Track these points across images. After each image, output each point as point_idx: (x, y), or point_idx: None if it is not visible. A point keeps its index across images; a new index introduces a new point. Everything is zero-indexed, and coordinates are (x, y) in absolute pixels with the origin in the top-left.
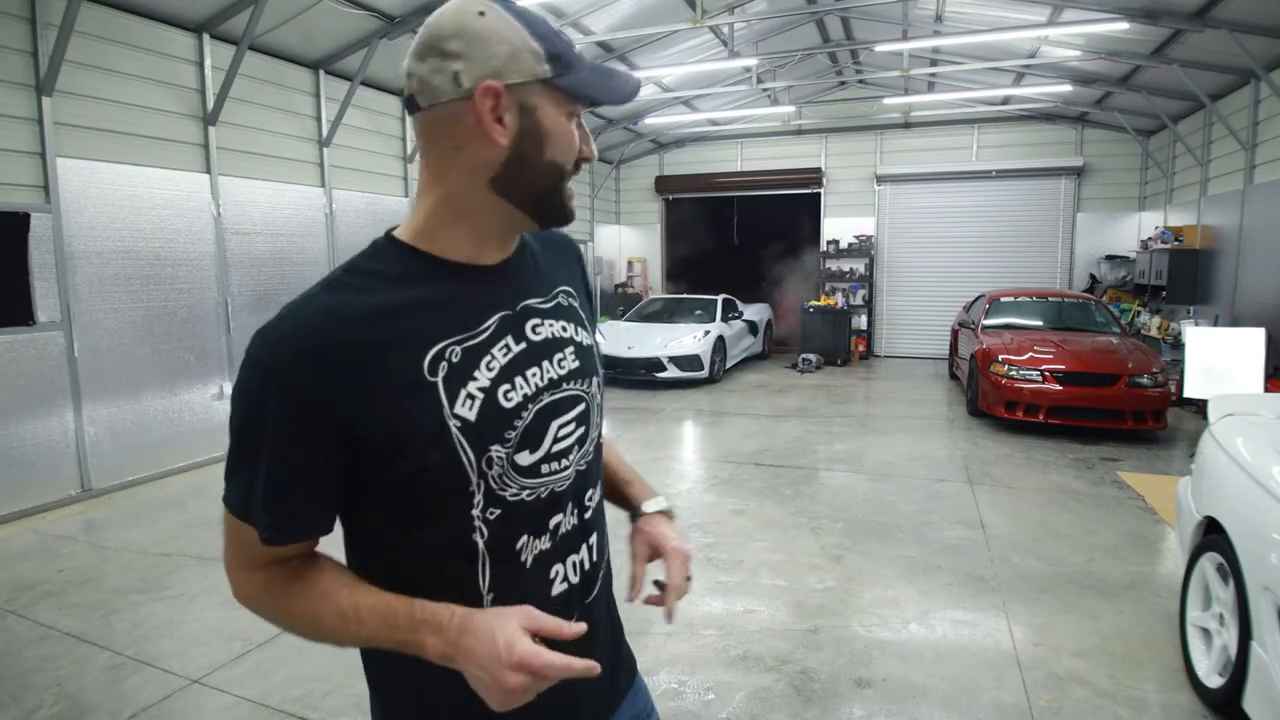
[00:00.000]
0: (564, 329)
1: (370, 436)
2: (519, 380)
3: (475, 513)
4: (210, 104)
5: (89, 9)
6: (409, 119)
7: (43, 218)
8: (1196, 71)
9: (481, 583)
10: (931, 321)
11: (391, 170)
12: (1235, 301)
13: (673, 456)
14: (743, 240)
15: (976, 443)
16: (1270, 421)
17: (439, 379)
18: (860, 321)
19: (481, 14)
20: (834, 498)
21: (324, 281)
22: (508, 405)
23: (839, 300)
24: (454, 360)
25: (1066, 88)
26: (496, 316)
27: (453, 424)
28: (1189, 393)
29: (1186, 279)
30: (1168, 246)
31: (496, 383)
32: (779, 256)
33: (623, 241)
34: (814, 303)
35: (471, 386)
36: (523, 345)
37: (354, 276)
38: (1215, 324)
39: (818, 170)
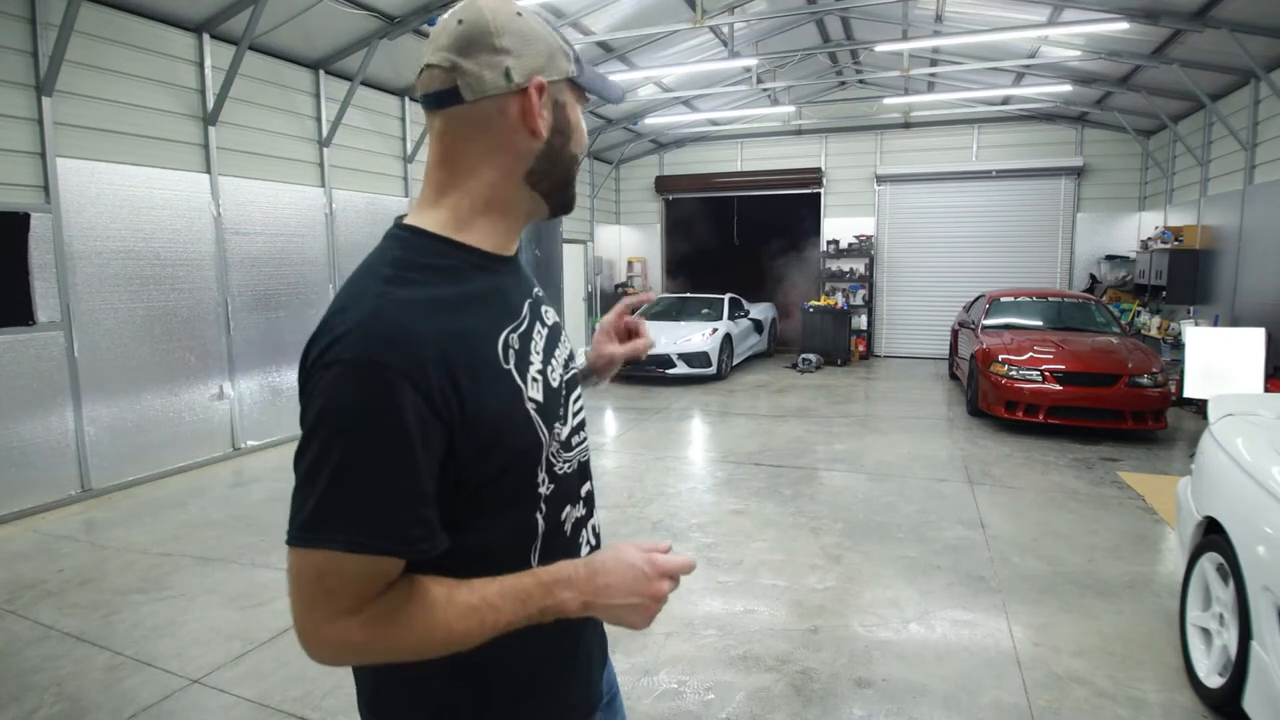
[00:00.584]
0: (556, 315)
1: (473, 429)
2: (553, 361)
3: (541, 490)
4: (210, 104)
5: (89, 9)
6: (430, 114)
7: (43, 218)
8: (1196, 71)
9: (533, 559)
10: (931, 321)
11: (391, 170)
12: (1235, 301)
13: (673, 456)
14: (743, 240)
15: (976, 443)
16: (1270, 421)
17: (511, 365)
18: (860, 321)
19: (519, 14)
20: (834, 498)
21: (378, 278)
22: (555, 384)
23: (839, 300)
24: (515, 346)
25: (1066, 88)
26: (526, 303)
27: (530, 406)
28: (1189, 393)
29: (1186, 279)
30: (1168, 246)
31: (544, 364)
32: (779, 257)
33: (623, 241)
34: (814, 303)
35: (532, 370)
36: (546, 329)
37: (408, 271)
38: (1215, 324)
39: (818, 170)
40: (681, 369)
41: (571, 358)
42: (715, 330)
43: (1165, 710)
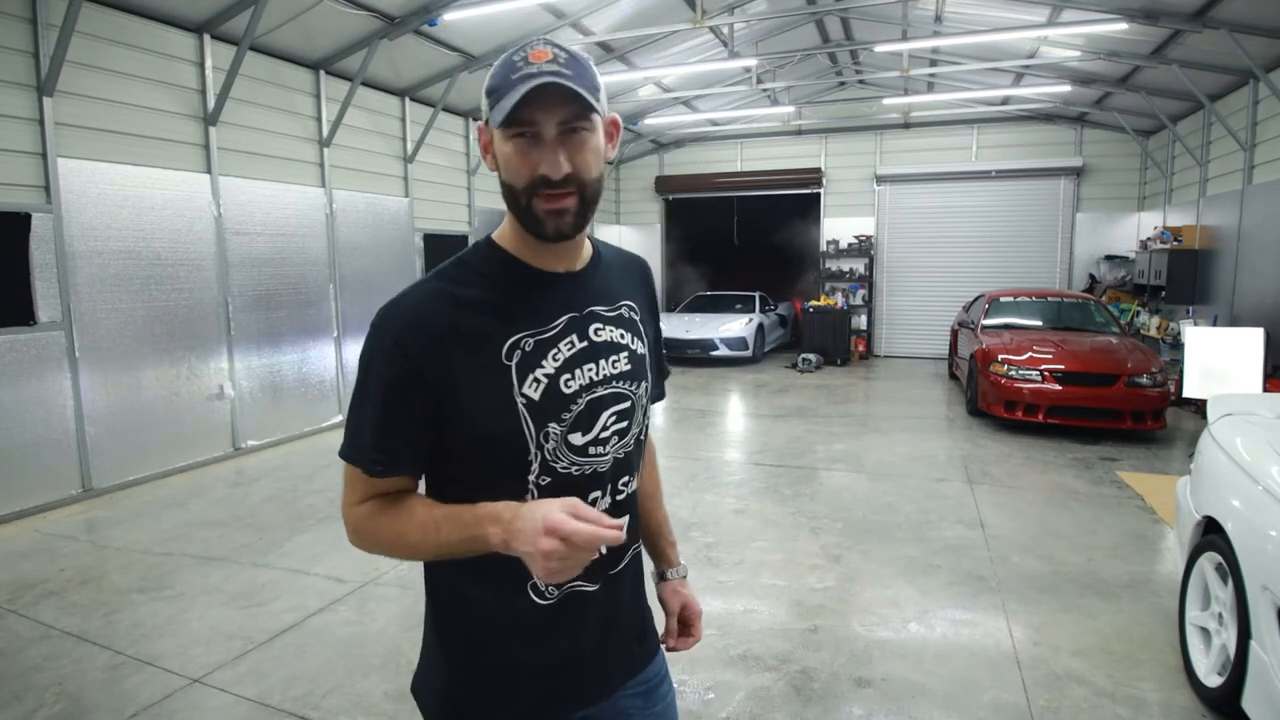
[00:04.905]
0: (622, 336)
1: (455, 404)
2: (578, 372)
3: (530, 478)
4: (211, 104)
5: (90, 9)
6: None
7: (44, 218)
8: (1195, 72)
9: None
10: (931, 321)
11: (391, 170)
12: (1234, 301)
13: (673, 455)
14: (743, 240)
15: (976, 442)
16: (1269, 421)
17: (513, 363)
18: (860, 321)
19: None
20: (834, 497)
21: (436, 271)
22: (566, 391)
23: (839, 300)
24: (526, 349)
25: (1066, 88)
26: (566, 317)
27: (520, 401)
28: (1188, 393)
29: (1185, 279)
30: (1167, 246)
31: (559, 372)
32: (779, 256)
33: (622, 241)
34: (814, 303)
35: (538, 373)
36: (585, 343)
37: (458, 270)
38: (1214, 324)
39: (818, 170)
40: (723, 351)
41: (621, 378)
42: (751, 320)
43: (1164, 709)
